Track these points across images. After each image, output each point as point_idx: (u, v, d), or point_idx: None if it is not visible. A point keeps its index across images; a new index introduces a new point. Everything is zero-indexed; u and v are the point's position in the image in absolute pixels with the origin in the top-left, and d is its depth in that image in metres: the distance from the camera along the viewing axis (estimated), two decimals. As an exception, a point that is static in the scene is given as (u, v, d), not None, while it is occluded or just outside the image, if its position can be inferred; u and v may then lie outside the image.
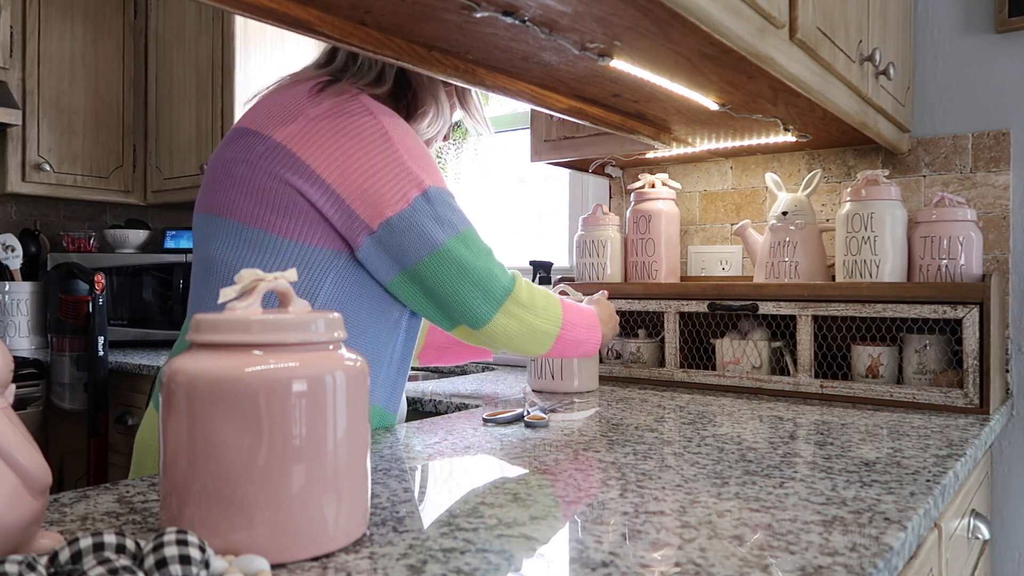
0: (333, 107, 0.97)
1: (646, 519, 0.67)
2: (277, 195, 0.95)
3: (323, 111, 0.97)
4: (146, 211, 3.19)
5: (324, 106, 0.97)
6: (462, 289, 1.00)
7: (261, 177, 0.96)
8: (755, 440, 1.03)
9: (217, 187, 1.00)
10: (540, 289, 1.11)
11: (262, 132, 0.98)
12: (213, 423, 0.54)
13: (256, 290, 0.60)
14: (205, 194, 1.03)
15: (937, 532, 0.88)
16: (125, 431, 2.35)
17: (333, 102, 0.98)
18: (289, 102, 0.99)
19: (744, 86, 1.15)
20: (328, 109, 0.97)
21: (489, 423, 1.15)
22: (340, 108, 0.97)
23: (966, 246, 1.38)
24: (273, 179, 0.95)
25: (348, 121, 0.96)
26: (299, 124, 0.96)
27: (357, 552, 0.59)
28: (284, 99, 1.00)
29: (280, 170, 0.95)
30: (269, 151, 0.96)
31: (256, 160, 0.96)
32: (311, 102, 0.98)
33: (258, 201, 0.96)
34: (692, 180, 1.91)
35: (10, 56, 2.49)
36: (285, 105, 0.99)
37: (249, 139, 0.98)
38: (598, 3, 0.84)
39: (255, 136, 0.98)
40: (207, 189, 1.02)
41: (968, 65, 1.59)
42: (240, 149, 0.99)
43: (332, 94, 0.99)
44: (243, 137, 1.00)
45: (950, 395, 1.29)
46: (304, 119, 0.96)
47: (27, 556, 0.46)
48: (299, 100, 0.98)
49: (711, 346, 1.62)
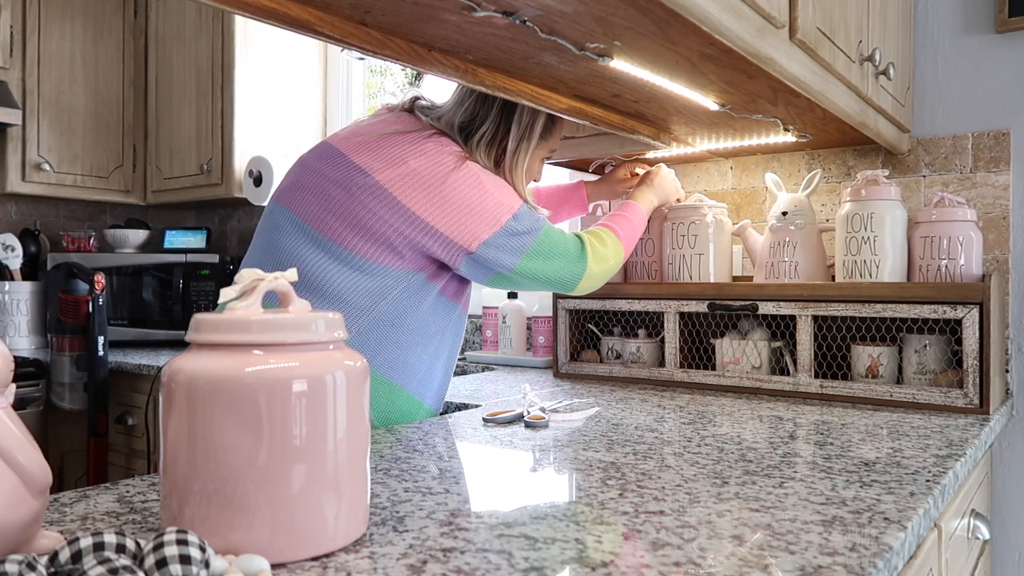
0: (436, 161, 1.13)
1: (646, 519, 0.67)
2: (369, 225, 1.11)
3: (426, 163, 1.12)
4: (146, 211, 3.19)
5: (427, 159, 1.13)
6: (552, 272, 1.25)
7: (358, 208, 1.11)
8: (755, 440, 1.03)
9: (307, 195, 1.15)
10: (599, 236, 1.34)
11: (363, 167, 1.13)
12: (213, 423, 0.54)
13: (256, 290, 0.60)
14: (291, 194, 1.18)
15: (937, 532, 0.88)
16: (125, 431, 2.35)
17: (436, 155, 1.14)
18: (394, 148, 1.14)
19: (744, 86, 1.16)
20: (431, 162, 1.13)
21: (489, 423, 1.15)
22: (441, 160, 1.13)
23: (966, 246, 1.38)
24: (370, 213, 1.11)
25: (446, 170, 1.13)
26: (403, 171, 1.12)
27: (357, 552, 0.59)
28: (390, 143, 1.15)
29: (379, 207, 1.11)
30: (371, 188, 1.11)
31: (356, 191, 1.12)
32: (414, 153, 1.14)
33: (348, 225, 1.12)
34: (692, 180, 1.91)
35: (10, 56, 2.49)
36: (390, 150, 1.14)
37: (349, 168, 1.14)
38: (598, 3, 0.84)
39: (356, 170, 1.13)
40: (294, 191, 1.18)
41: (968, 65, 1.59)
42: (338, 174, 1.14)
43: (434, 145, 1.15)
44: (342, 162, 1.15)
45: (950, 395, 1.29)
46: (408, 169, 1.12)
47: (27, 556, 0.46)
48: (403, 149, 1.14)
49: (711, 346, 1.62)
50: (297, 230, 1.14)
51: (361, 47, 0.92)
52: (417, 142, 1.15)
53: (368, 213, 1.11)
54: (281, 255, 1.15)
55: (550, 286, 1.27)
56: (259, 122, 2.63)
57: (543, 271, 1.23)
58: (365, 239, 1.11)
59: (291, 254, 1.14)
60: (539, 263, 1.22)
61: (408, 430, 1.09)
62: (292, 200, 1.17)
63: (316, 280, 1.12)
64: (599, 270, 1.31)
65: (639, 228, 1.45)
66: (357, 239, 1.11)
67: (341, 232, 1.12)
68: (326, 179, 1.15)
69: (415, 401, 1.21)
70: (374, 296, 1.13)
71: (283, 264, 1.14)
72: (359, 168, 1.13)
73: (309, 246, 1.13)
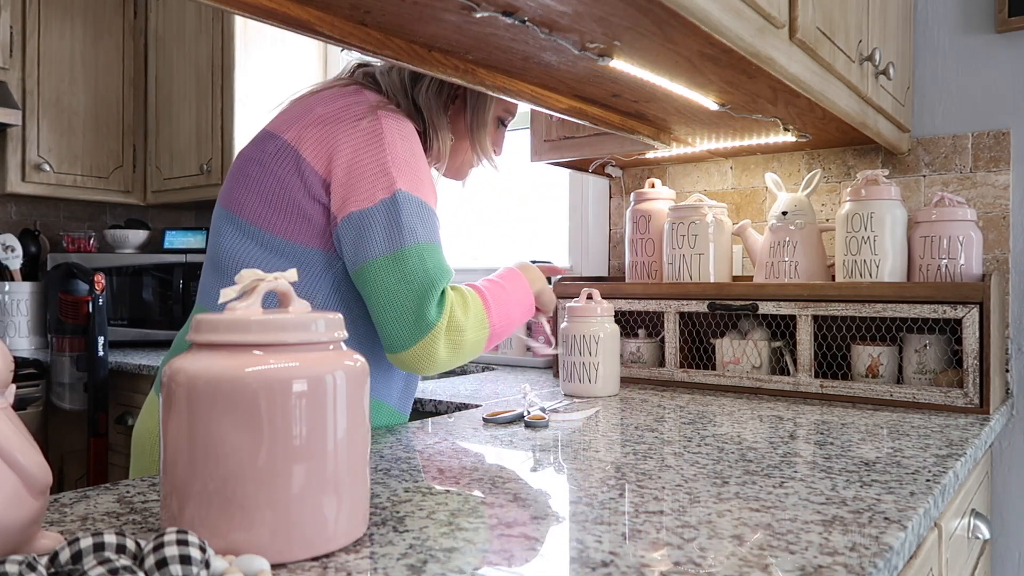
0: (341, 106, 0.99)
1: (646, 519, 0.67)
2: (279, 197, 0.98)
3: (330, 109, 0.99)
4: (146, 211, 3.19)
5: (333, 105, 1.00)
6: (389, 306, 0.94)
7: (268, 178, 0.99)
8: (755, 440, 1.03)
9: (234, 184, 1.04)
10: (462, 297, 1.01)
11: (276, 133, 1.01)
12: (213, 423, 0.54)
13: (256, 290, 0.60)
14: (224, 189, 1.07)
15: (937, 532, 0.88)
16: (125, 431, 2.35)
17: (344, 102, 1.00)
18: (304, 104, 1.03)
19: (744, 86, 1.15)
20: (336, 108, 0.99)
21: (489, 423, 1.15)
22: (347, 108, 0.99)
23: (966, 246, 1.38)
24: (276, 181, 0.98)
25: (349, 115, 0.98)
26: (306, 122, 0.99)
27: (357, 552, 0.59)
28: (303, 102, 1.04)
29: (284, 171, 0.98)
30: (279, 151, 0.99)
31: (267, 160, 1.00)
32: (322, 102, 1.01)
33: (264, 202, 0.99)
34: (692, 180, 1.91)
35: (10, 56, 2.49)
36: (300, 107, 1.02)
37: (266, 140, 1.02)
38: (598, 3, 0.84)
39: (271, 137, 1.02)
40: (227, 184, 1.07)
41: (968, 65, 1.59)
42: (256, 149, 1.03)
43: (346, 94, 1.02)
44: (262, 138, 1.04)
45: (950, 395, 1.29)
46: (311, 118, 0.99)
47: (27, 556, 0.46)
48: (312, 102, 1.02)
49: (711, 346, 1.62)
50: (230, 226, 1.02)
51: (361, 47, 0.92)
52: (330, 95, 1.02)
53: (276, 182, 0.97)
54: (222, 258, 1.02)
55: (381, 320, 0.95)
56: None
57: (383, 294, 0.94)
58: (282, 214, 0.97)
59: (229, 254, 1.01)
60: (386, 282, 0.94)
61: (408, 430, 1.09)
62: (224, 195, 1.06)
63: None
64: (449, 343, 0.96)
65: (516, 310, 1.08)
66: (276, 217, 0.97)
67: (263, 213, 0.99)
68: (245, 158, 1.04)
69: (374, 403, 1.08)
70: (307, 285, 0.99)
71: (226, 268, 1.02)
72: (270, 133, 1.02)
73: (242, 240, 1.00)
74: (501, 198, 2.55)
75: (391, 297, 0.94)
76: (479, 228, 2.59)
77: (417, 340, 0.94)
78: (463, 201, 2.61)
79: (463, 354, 0.99)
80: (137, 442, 1.07)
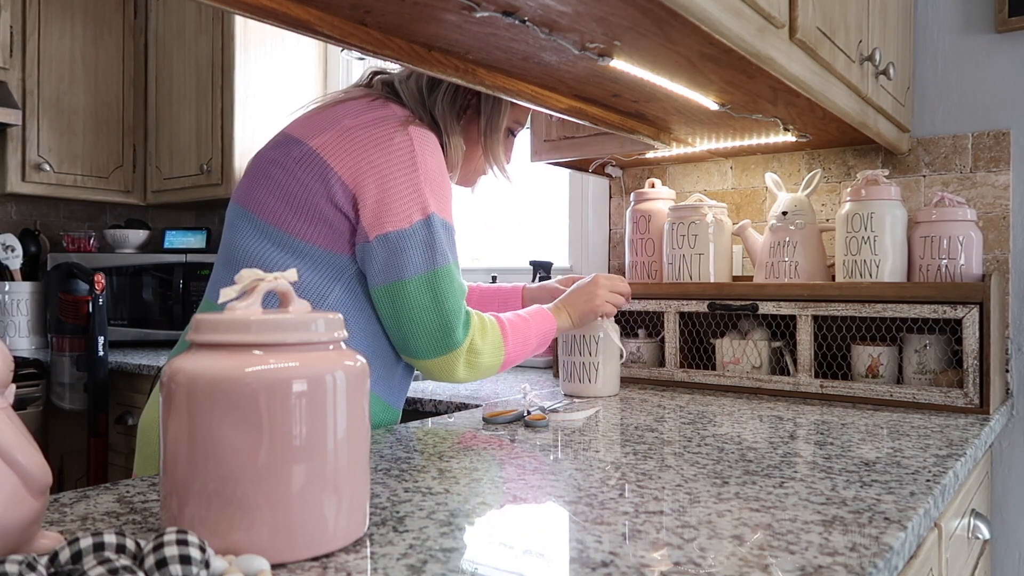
0: (371, 120, 1.03)
1: (646, 519, 0.67)
2: (300, 200, 1.02)
3: (360, 122, 1.02)
4: (146, 211, 3.19)
5: (362, 118, 1.03)
6: (420, 322, 1.02)
7: (291, 182, 1.02)
8: (755, 440, 1.03)
9: (254, 183, 1.07)
10: (483, 324, 1.11)
11: (301, 139, 1.04)
12: (213, 423, 0.54)
13: (256, 290, 0.60)
14: (241, 188, 1.10)
15: (937, 532, 0.88)
16: (125, 431, 2.35)
17: (373, 116, 1.03)
18: (332, 114, 1.05)
19: (744, 86, 1.15)
20: (366, 120, 1.02)
21: (489, 423, 1.15)
22: (377, 121, 1.02)
23: (966, 246, 1.38)
24: (299, 184, 1.02)
25: (381, 132, 1.01)
26: (335, 132, 1.02)
27: (357, 552, 0.59)
28: (329, 112, 1.06)
29: (309, 177, 1.01)
30: (304, 157, 1.02)
31: (291, 165, 1.03)
32: (350, 114, 1.04)
33: (284, 203, 1.03)
34: (692, 180, 1.91)
35: (10, 56, 2.49)
36: (327, 116, 1.05)
37: (290, 145, 1.05)
38: (598, 3, 0.84)
39: (295, 142, 1.05)
40: (244, 183, 1.10)
41: (968, 65, 1.59)
42: (280, 153, 1.06)
43: (374, 107, 1.05)
44: (285, 142, 1.06)
45: (950, 395, 1.29)
46: (339, 128, 1.02)
47: (27, 556, 0.46)
48: (340, 112, 1.05)
49: (711, 346, 1.62)
50: (247, 223, 1.06)
51: (361, 47, 0.92)
52: (357, 107, 1.05)
53: (300, 186, 1.01)
54: (236, 253, 1.06)
55: (408, 333, 1.03)
56: (259, 122, 2.63)
57: (416, 312, 1.02)
58: (302, 217, 1.01)
59: (243, 250, 1.05)
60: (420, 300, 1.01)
61: (408, 430, 1.09)
62: (241, 193, 1.09)
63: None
64: (467, 363, 1.08)
65: (534, 342, 1.20)
66: (295, 219, 1.01)
67: (282, 214, 1.02)
68: (267, 160, 1.07)
69: (374, 399, 1.11)
70: (320, 287, 1.03)
71: (238, 262, 1.06)
72: (295, 139, 1.05)
73: (257, 237, 1.04)
74: (501, 198, 2.55)
75: (423, 314, 1.02)
76: (479, 228, 2.59)
77: (441, 355, 1.04)
78: (463, 201, 2.60)
79: (478, 374, 1.10)
80: (143, 432, 1.09)
